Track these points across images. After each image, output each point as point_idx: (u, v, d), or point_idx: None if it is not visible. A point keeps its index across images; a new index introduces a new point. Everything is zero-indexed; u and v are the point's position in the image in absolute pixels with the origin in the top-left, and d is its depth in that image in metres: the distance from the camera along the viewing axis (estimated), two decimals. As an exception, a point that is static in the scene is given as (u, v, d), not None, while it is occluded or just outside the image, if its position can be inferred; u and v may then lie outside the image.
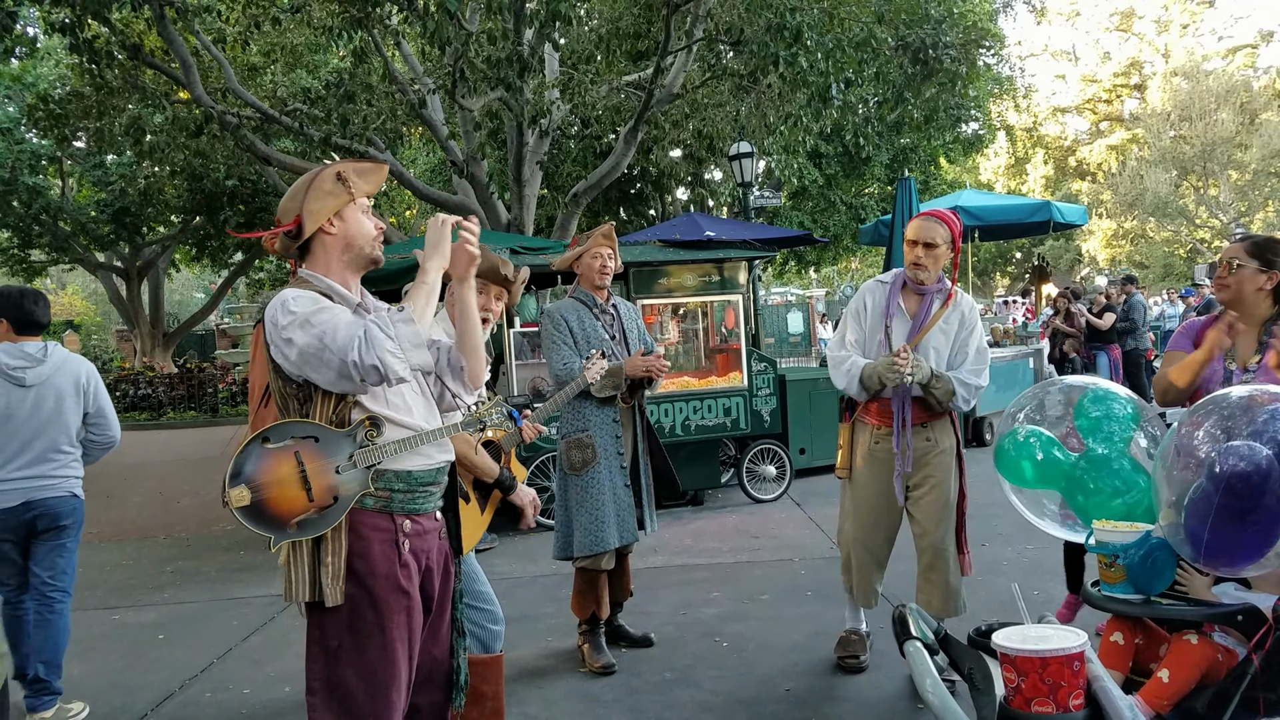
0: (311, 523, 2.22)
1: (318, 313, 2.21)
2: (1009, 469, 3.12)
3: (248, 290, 28.05)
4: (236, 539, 7.91)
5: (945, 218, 3.78)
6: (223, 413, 20.09)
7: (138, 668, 4.71)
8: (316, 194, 2.34)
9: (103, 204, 20.49)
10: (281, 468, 2.22)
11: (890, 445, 3.78)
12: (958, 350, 3.80)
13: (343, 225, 2.38)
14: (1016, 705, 2.12)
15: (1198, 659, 2.51)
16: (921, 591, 3.81)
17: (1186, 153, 30.88)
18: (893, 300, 3.81)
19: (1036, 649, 2.10)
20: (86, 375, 4.09)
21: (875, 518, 3.86)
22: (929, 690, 2.23)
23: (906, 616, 2.53)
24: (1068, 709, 2.07)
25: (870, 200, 19.02)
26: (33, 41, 13.63)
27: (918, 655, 2.35)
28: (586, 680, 4.11)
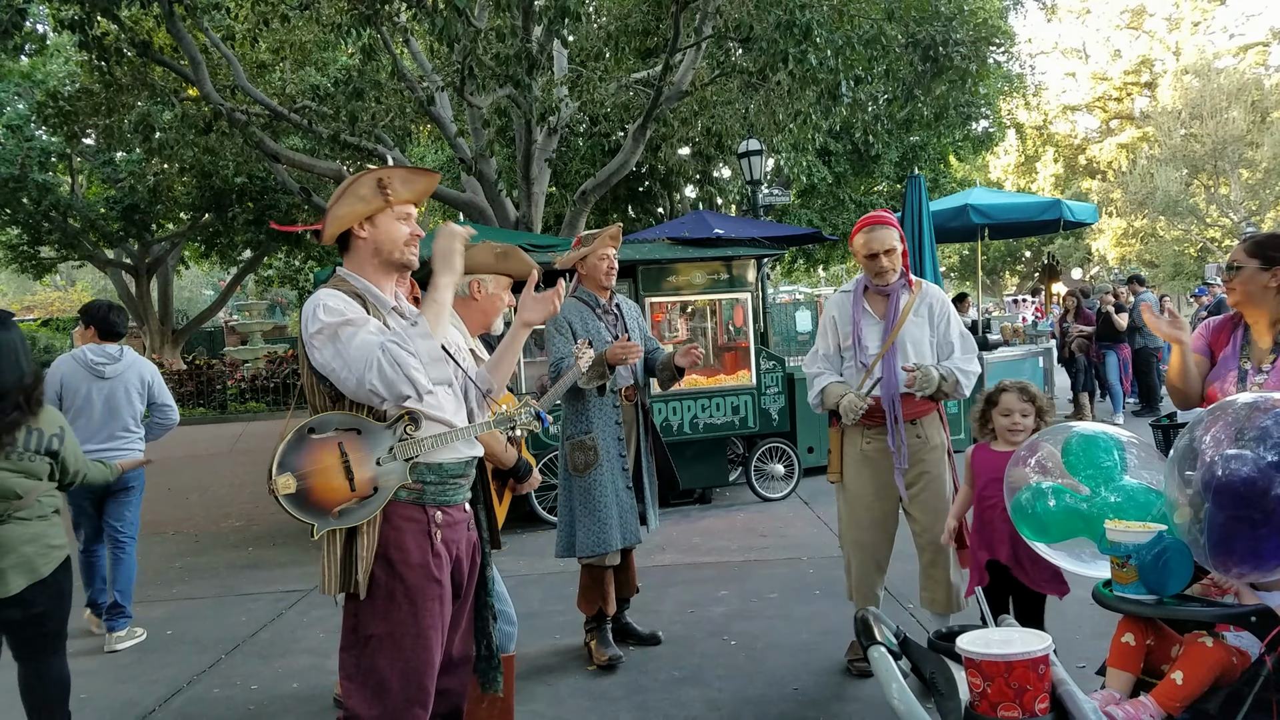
0: (352, 512, 2.28)
1: (344, 325, 2.25)
2: (1033, 528, 3.01)
3: (256, 287, 28.14)
4: (245, 535, 7.93)
5: (887, 219, 3.82)
6: (231, 409, 20.17)
7: (146, 663, 4.72)
8: (348, 198, 2.38)
9: (112, 201, 20.56)
10: (325, 457, 2.28)
11: (881, 444, 3.79)
12: (941, 341, 3.82)
13: (373, 231, 2.42)
14: (982, 710, 2.10)
15: (1212, 661, 2.48)
16: (925, 589, 3.81)
17: (1197, 151, 30.74)
18: (857, 306, 3.84)
19: (1001, 653, 2.08)
20: (151, 374, 5.12)
21: (872, 518, 3.85)
22: (894, 695, 2.22)
23: (869, 621, 2.52)
24: (1034, 713, 2.05)
25: (880, 198, 18.98)
26: (42, 39, 13.66)
27: (882, 660, 2.34)
28: (594, 677, 4.11)
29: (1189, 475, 2.45)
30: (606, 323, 4.26)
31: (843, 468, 3.91)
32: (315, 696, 4.09)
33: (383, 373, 2.18)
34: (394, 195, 2.41)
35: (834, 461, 3.95)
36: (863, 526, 3.86)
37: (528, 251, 7.60)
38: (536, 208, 11.68)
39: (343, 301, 2.30)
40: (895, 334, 3.75)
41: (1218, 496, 2.30)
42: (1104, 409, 11.64)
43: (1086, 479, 2.87)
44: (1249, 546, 2.33)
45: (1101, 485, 2.84)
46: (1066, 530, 2.87)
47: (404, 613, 2.30)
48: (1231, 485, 2.28)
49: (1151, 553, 2.52)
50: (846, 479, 3.90)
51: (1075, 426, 3.06)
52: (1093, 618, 3.83)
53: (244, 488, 10.46)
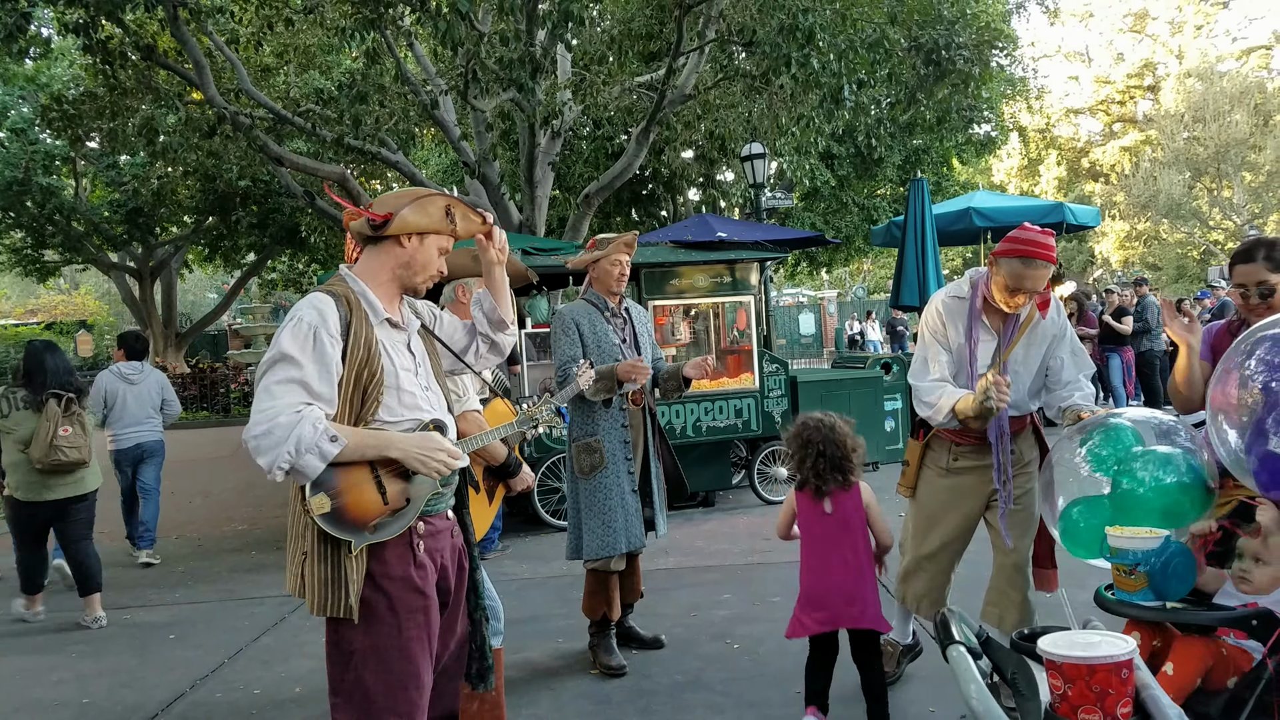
0: (386, 525, 2.27)
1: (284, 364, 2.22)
2: (1083, 546, 2.97)
3: (260, 290, 28.15)
4: (248, 539, 7.93)
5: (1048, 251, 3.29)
6: (235, 413, 20.18)
7: (149, 667, 4.72)
8: (422, 209, 2.40)
9: (116, 204, 20.59)
10: (357, 473, 2.25)
11: (972, 461, 3.56)
12: (1050, 355, 3.52)
13: (418, 248, 2.43)
14: (1063, 712, 2.07)
15: (1201, 652, 2.49)
16: (995, 605, 3.58)
17: (1200, 154, 30.71)
18: (975, 320, 3.49)
19: (1084, 655, 2.05)
20: (162, 381, 7.45)
21: (949, 536, 3.64)
22: (973, 695, 2.19)
23: (949, 620, 2.49)
24: (1115, 717, 2.03)
25: (882, 201, 18.97)
26: (46, 42, 13.69)
27: (961, 660, 2.31)
28: (597, 681, 4.10)
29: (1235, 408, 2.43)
30: (614, 326, 4.25)
31: (918, 482, 3.71)
32: (317, 701, 4.08)
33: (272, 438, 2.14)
34: (457, 227, 2.46)
35: (910, 475, 3.74)
36: (936, 541, 3.64)
37: (531, 255, 7.62)
38: (540, 211, 11.69)
39: (306, 329, 2.25)
40: (1008, 354, 3.46)
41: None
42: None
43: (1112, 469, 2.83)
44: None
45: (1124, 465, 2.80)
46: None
47: (388, 627, 2.27)
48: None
49: (1161, 559, 2.51)
50: (922, 493, 3.70)
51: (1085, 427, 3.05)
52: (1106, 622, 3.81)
53: (247, 491, 10.46)
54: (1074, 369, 3.52)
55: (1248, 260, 3.00)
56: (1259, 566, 2.52)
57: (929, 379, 3.49)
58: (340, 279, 2.42)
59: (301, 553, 2.27)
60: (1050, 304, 3.50)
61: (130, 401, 7.11)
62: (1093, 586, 2.71)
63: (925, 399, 3.47)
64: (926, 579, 3.70)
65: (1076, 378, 3.51)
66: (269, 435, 2.14)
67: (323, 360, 2.24)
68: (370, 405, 2.31)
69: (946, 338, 3.51)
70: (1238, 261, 3.04)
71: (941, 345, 3.52)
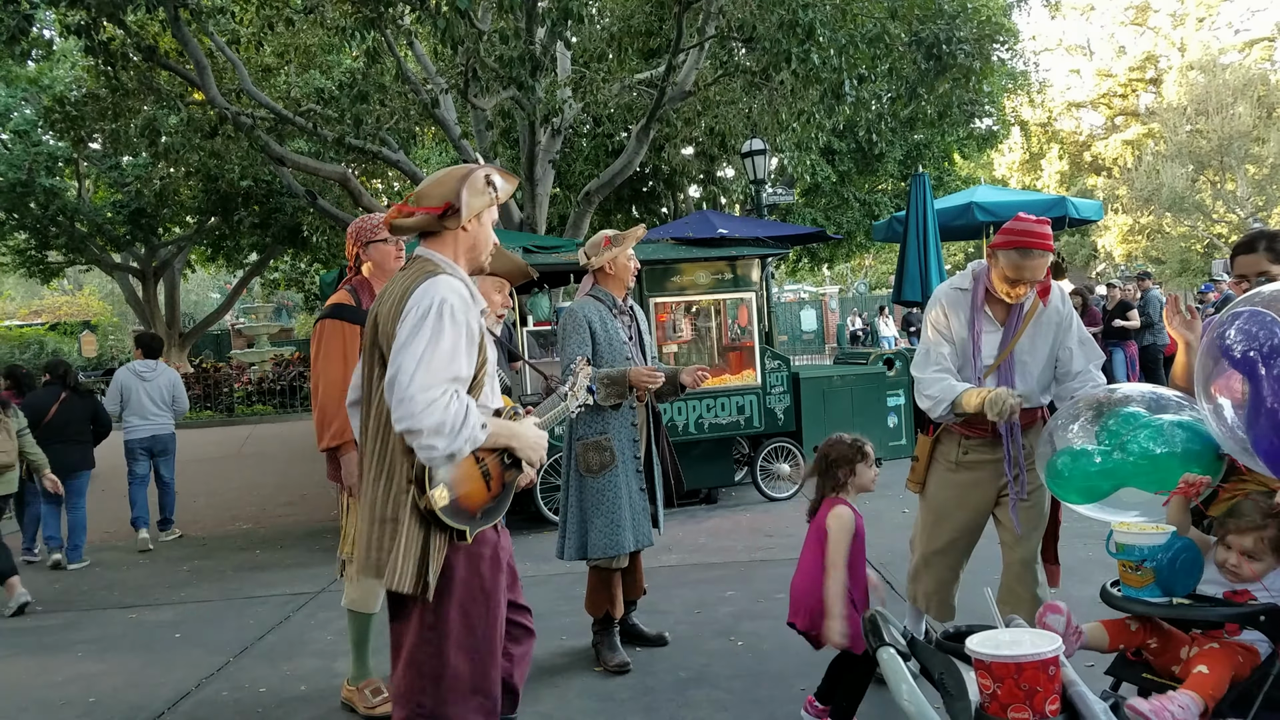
0: (491, 511, 2.38)
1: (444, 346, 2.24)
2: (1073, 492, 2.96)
3: (263, 290, 28.19)
4: (252, 538, 7.95)
5: (1045, 240, 3.31)
6: (238, 412, 20.21)
7: (155, 666, 4.73)
8: (474, 190, 2.43)
9: (119, 205, 20.63)
10: (466, 464, 2.33)
11: (982, 455, 3.53)
12: (1059, 346, 3.49)
13: (478, 228, 2.48)
14: (993, 712, 2.09)
15: (1228, 656, 2.49)
16: (1005, 603, 3.50)
17: (1203, 147, 30.64)
18: (978, 312, 3.49)
19: (1011, 654, 2.07)
20: (174, 379, 8.21)
21: (956, 531, 3.61)
22: (904, 697, 2.21)
23: (878, 622, 2.51)
24: (1044, 714, 2.04)
25: (884, 197, 18.97)
26: (49, 44, 13.74)
27: (892, 662, 2.33)
28: (601, 679, 4.10)
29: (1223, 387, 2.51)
30: (623, 323, 4.26)
31: (927, 477, 3.69)
32: (323, 699, 4.10)
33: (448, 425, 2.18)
34: (500, 193, 2.48)
35: (919, 470, 3.70)
36: (945, 537, 3.62)
37: (532, 253, 7.63)
38: (541, 209, 11.69)
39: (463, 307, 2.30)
40: (1013, 344, 3.45)
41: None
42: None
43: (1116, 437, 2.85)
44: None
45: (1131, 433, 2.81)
46: (1105, 488, 2.85)
47: (479, 607, 2.37)
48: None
49: (1168, 555, 2.51)
50: (931, 489, 3.67)
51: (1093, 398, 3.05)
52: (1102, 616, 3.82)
53: (251, 490, 10.48)
54: (1084, 359, 3.50)
55: (1249, 251, 3.02)
56: (1249, 561, 2.53)
57: (930, 371, 3.49)
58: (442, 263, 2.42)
59: (389, 537, 2.31)
60: (1052, 291, 3.48)
61: (143, 396, 7.93)
62: (1096, 580, 2.72)
63: (926, 391, 3.48)
64: (934, 577, 3.68)
65: (1087, 368, 3.49)
66: (444, 424, 2.18)
67: (471, 344, 2.32)
68: (475, 391, 2.39)
69: (950, 330, 3.51)
70: (1239, 253, 3.06)
71: (944, 337, 3.52)
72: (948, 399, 3.39)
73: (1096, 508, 2.90)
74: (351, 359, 3.70)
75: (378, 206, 10.60)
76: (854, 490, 3.37)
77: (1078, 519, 3.21)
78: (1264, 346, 2.40)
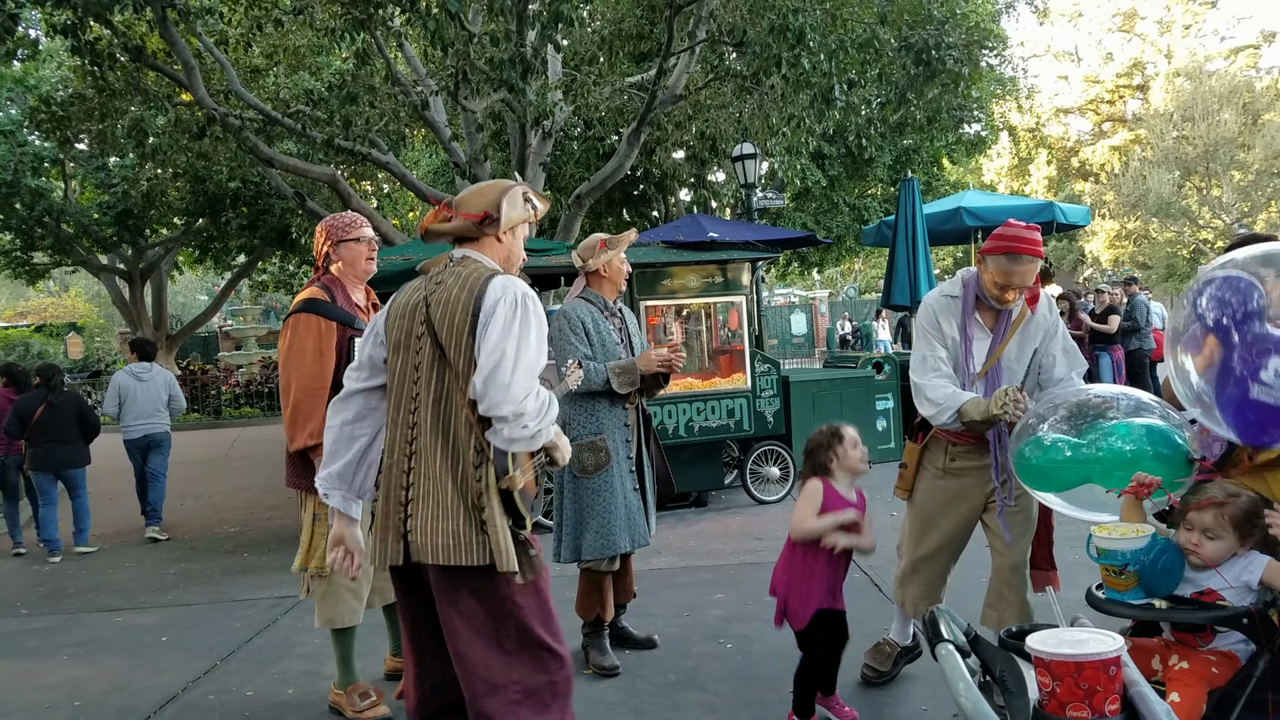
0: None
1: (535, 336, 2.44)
2: (1037, 480, 2.97)
3: (251, 292, 28.06)
4: (240, 541, 7.91)
5: (1034, 247, 3.35)
6: (226, 415, 20.12)
7: (141, 670, 4.70)
8: (514, 202, 2.58)
9: (105, 206, 20.49)
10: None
11: (968, 464, 3.56)
12: (1043, 352, 3.53)
13: (513, 241, 2.64)
14: (1051, 710, 2.07)
15: (1202, 673, 2.49)
16: (993, 608, 3.58)
17: (1189, 153, 30.81)
18: (968, 317, 3.51)
19: (1072, 653, 2.06)
20: (170, 380, 8.62)
21: (944, 539, 3.64)
22: (961, 694, 2.19)
23: (938, 618, 2.49)
24: (1104, 714, 2.03)
25: (873, 201, 19.01)
26: (35, 44, 13.63)
27: (950, 658, 2.31)
28: (590, 682, 4.10)
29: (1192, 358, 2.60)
30: (614, 324, 4.28)
31: (915, 484, 3.70)
32: (311, 703, 4.08)
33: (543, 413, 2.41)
34: (536, 212, 2.64)
35: (907, 477, 3.73)
36: (933, 544, 3.65)
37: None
38: (531, 211, 11.65)
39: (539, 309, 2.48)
40: (1001, 350, 3.47)
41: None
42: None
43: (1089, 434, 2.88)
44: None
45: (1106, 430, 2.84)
46: (1072, 479, 2.88)
47: (543, 589, 2.52)
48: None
49: (1150, 557, 2.52)
50: (919, 496, 3.69)
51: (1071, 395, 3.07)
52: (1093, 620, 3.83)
53: (239, 493, 10.43)
54: (1066, 366, 3.53)
55: None
56: (1209, 540, 2.54)
57: (932, 377, 3.47)
58: (492, 265, 2.56)
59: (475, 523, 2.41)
60: (1040, 299, 3.51)
61: (140, 397, 8.32)
62: (1084, 585, 2.72)
63: (929, 396, 3.45)
64: (922, 582, 3.70)
65: (1069, 374, 3.52)
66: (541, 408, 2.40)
67: (543, 339, 2.48)
68: None
69: (943, 336, 3.53)
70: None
71: (939, 342, 3.53)
72: (953, 406, 3.38)
73: (1062, 501, 2.96)
74: (327, 354, 3.65)
75: (367, 208, 10.58)
76: (843, 472, 3.41)
77: (1066, 524, 3.22)
78: (1237, 311, 2.46)
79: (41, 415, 7.65)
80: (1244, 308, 2.45)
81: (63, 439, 7.75)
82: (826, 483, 3.38)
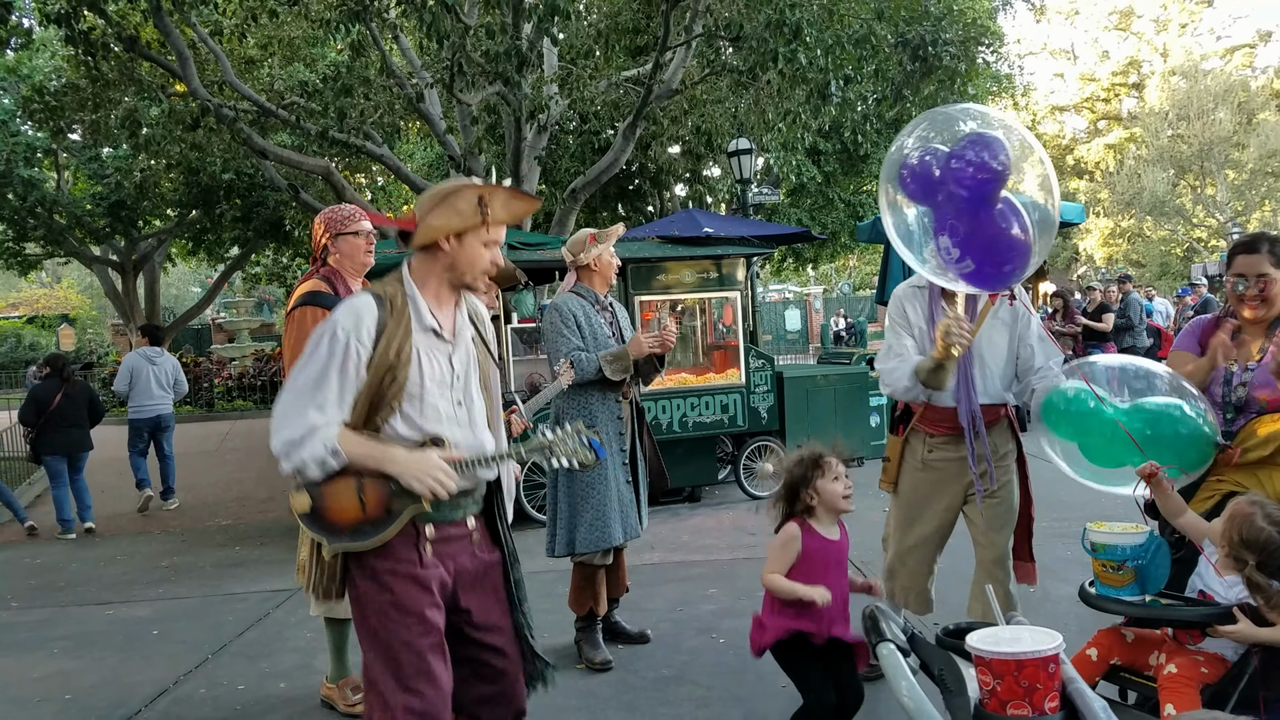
0: (365, 532, 2.31)
1: (313, 373, 2.32)
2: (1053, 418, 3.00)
3: (244, 284, 27.99)
4: (232, 534, 7.89)
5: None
6: (218, 407, 20.05)
7: (132, 663, 4.69)
8: (445, 210, 2.34)
9: (98, 197, 20.41)
10: (341, 481, 2.31)
11: (947, 454, 3.57)
12: (1020, 343, 3.56)
13: (457, 248, 2.39)
14: (991, 708, 2.09)
15: (1192, 678, 2.49)
16: (979, 600, 3.56)
17: (1184, 152, 30.91)
18: (935, 305, 3.57)
19: (1011, 651, 2.07)
20: (175, 363, 9.30)
21: (927, 528, 3.66)
22: (904, 693, 2.21)
23: (878, 617, 2.50)
24: (1043, 711, 2.04)
25: (869, 198, 18.99)
26: (28, 33, 13.57)
27: (891, 658, 2.32)
28: (583, 676, 4.10)
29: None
30: (605, 318, 4.29)
31: (898, 477, 3.72)
32: (302, 697, 4.07)
33: (286, 443, 2.28)
34: (492, 216, 2.37)
35: (890, 470, 3.74)
36: (917, 535, 3.67)
37: (517, 249, 7.60)
38: (526, 205, 11.64)
39: (333, 324, 2.32)
40: (971, 335, 3.47)
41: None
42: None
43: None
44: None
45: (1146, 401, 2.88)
46: (1079, 429, 2.90)
47: (393, 622, 2.31)
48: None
49: (1148, 554, 2.52)
50: (903, 488, 3.71)
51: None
52: (1079, 615, 3.84)
53: (231, 487, 10.40)
54: (1043, 355, 3.59)
55: (1251, 251, 3.00)
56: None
57: (892, 361, 3.58)
58: (398, 278, 2.42)
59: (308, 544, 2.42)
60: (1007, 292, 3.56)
61: (151, 379, 8.90)
62: (1074, 580, 2.73)
63: (888, 380, 3.57)
64: (909, 573, 3.72)
65: (1047, 363, 3.56)
66: (290, 444, 2.27)
67: (345, 374, 2.30)
68: (384, 412, 2.34)
69: (909, 325, 3.60)
70: (1240, 252, 3.04)
71: (905, 332, 3.60)
72: (907, 371, 3.46)
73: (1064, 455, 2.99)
74: None
75: (361, 200, 10.56)
76: (825, 511, 2.96)
77: (1055, 518, 3.23)
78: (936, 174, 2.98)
79: (59, 402, 8.07)
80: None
81: (77, 423, 8.21)
82: (807, 528, 2.94)
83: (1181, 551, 2.81)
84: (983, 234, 2.98)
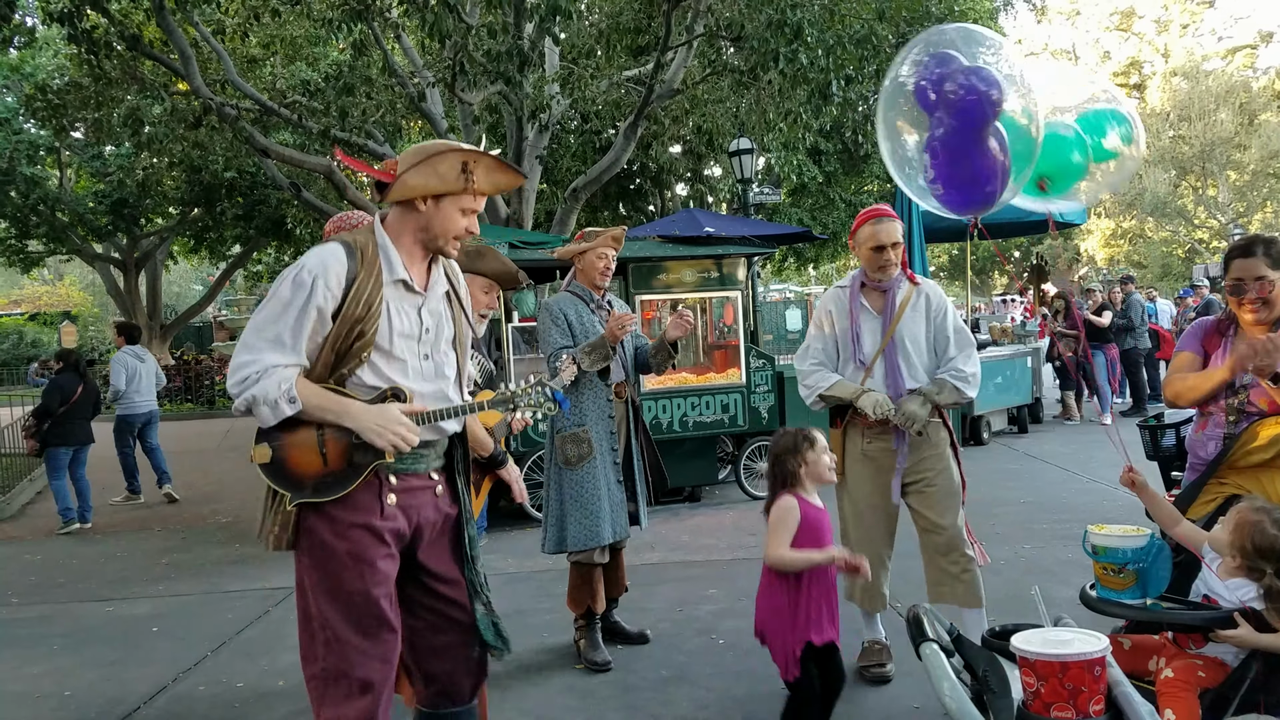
0: (327, 485, 2.29)
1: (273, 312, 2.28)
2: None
3: (245, 282, 28.02)
4: (232, 532, 7.89)
5: (891, 213, 3.85)
6: (219, 405, 20.06)
7: (132, 660, 4.69)
8: (425, 170, 2.31)
9: (101, 195, 20.43)
10: (302, 432, 2.29)
11: (883, 445, 3.76)
12: (937, 334, 3.80)
13: (433, 210, 2.36)
14: (1035, 710, 2.07)
15: (1189, 682, 2.48)
16: (943, 585, 3.73)
17: (1185, 153, 30.87)
18: (855, 302, 3.81)
19: (1057, 653, 2.06)
20: (158, 364, 9.53)
21: (875, 517, 3.81)
22: (946, 694, 2.18)
23: (922, 617, 2.48)
24: (1088, 714, 2.02)
25: (870, 198, 18.99)
26: (31, 31, 13.61)
27: (934, 658, 2.30)
28: (582, 676, 4.10)
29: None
30: (600, 317, 4.28)
31: (844, 468, 3.83)
32: (301, 694, 4.04)
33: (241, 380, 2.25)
34: (474, 183, 2.34)
35: (838, 464, 3.73)
36: (866, 525, 3.82)
37: (518, 248, 7.60)
38: (527, 205, 11.65)
39: (316, 263, 2.28)
40: (893, 329, 3.72)
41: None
42: (1091, 409, 11.68)
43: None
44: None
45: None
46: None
47: (350, 571, 2.30)
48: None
49: (1150, 557, 2.52)
50: (849, 480, 3.84)
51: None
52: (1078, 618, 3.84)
53: (231, 484, 10.41)
54: (956, 347, 3.80)
55: (1247, 255, 2.99)
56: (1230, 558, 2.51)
57: (808, 363, 3.90)
58: (369, 229, 2.38)
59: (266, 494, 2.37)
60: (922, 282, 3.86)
61: (144, 376, 9.20)
62: (1075, 582, 2.72)
63: (804, 381, 3.89)
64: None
65: (959, 354, 3.78)
66: (243, 381, 2.25)
67: (305, 314, 2.26)
68: (350, 362, 2.32)
69: (831, 325, 3.89)
70: (1236, 256, 3.02)
71: (823, 332, 3.91)
72: (820, 388, 3.81)
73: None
74: None
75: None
76: (811, 481, 3.10)
77: (1056, 520, 3.22)
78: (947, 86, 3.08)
79: (80, 395, 8.34)
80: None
81: (87, 416, 8.50)
82: (800, 498, 3.06)
83: (1182, 555, 2.80)
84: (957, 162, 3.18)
